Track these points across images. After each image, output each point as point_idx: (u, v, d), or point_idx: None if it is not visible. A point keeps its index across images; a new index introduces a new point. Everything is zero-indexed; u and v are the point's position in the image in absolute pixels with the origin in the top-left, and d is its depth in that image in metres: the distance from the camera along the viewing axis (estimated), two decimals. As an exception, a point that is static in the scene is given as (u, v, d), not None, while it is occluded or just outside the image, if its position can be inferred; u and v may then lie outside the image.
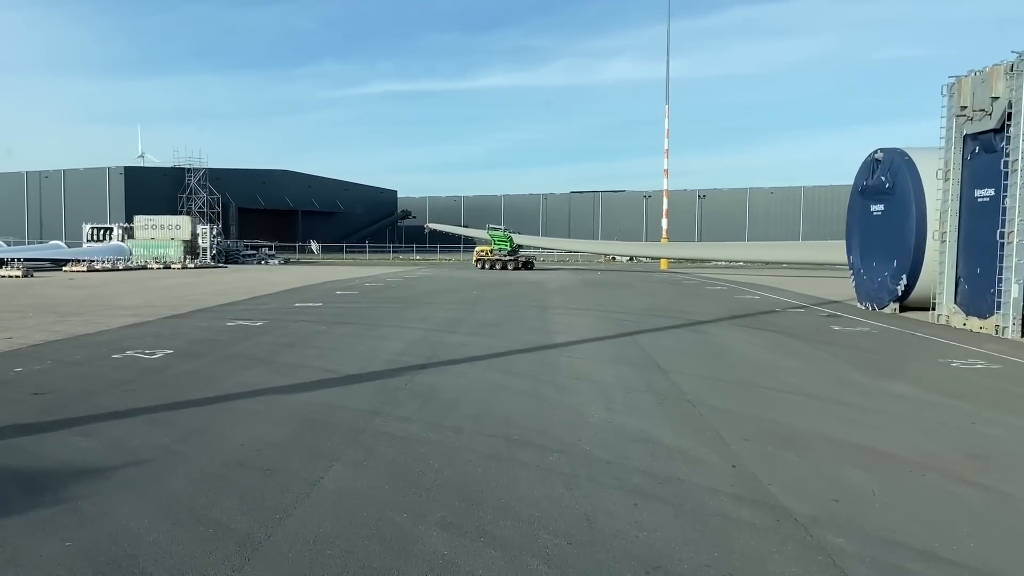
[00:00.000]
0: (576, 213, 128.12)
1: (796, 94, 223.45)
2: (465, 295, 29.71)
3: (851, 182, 26.45)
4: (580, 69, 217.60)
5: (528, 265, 58.95)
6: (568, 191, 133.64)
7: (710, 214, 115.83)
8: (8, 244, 66.60)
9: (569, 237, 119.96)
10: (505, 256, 58.89)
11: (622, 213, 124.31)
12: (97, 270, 46.30)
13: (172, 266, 55.72)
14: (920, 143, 23.68)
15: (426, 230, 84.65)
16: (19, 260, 42.22)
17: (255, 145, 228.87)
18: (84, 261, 48.58)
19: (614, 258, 78.43)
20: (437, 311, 23.52)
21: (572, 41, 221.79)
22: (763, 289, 34.35)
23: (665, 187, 68.01)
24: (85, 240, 68.89)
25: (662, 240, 68.14)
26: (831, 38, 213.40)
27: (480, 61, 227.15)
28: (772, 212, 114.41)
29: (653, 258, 66.95)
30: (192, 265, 55.71)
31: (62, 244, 63.52)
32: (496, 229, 63.59)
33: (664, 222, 68.16)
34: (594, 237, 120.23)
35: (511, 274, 50.38)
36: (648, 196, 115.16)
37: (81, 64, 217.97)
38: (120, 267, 51.07)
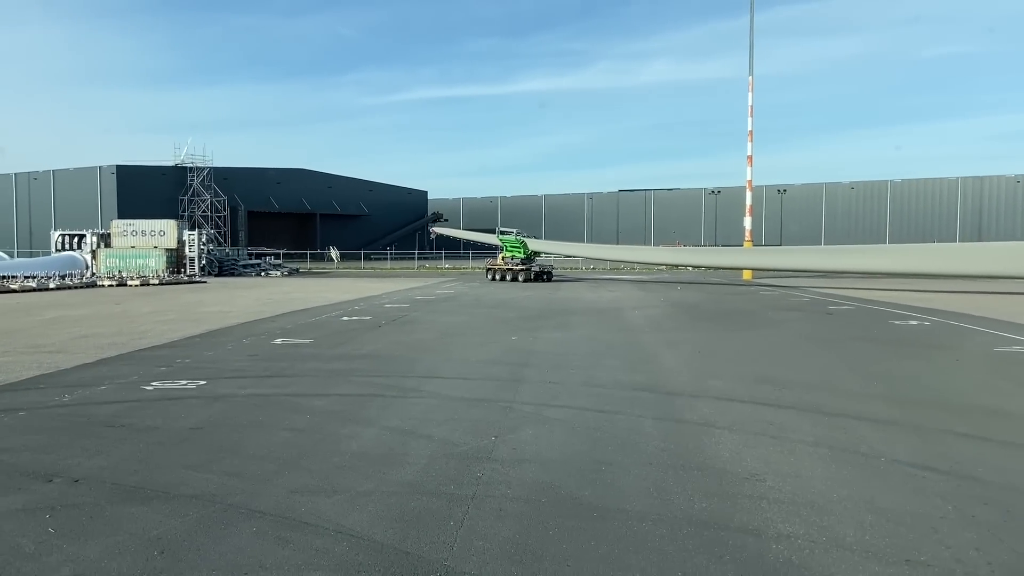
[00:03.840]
0: (626, 213, 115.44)
1: (838, 92, 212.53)
2: (496, 346, 17.61)
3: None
4: (621, 71, 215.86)
5: (544, 276, 48.03)
6: (617, 189, 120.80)
7: (779, 213, 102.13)
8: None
9: (618, 241, 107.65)
10: (517, 265, 48.03)
11: (677, 213, 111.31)
12: (14, 290, 35.16)
13: (150, 281, 44.61)
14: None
15: (431, 235, 72.80)
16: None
17: (297, 152, 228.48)
18: (15, 278, 37.56)
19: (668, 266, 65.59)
20: (428, 423, 11.47)
21: (613, 43, 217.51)
22: (964, 318, 21.82)
23: (749, 177, 55.17)
24: (54, 249, 58.45)
25: (745, 243, 55.30)
26: (874, 37, 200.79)
27: (521, 65, 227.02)
28: (852, 210, 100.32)
29: (713, 267, 53.92)
30: (156, 281, 44.45)
31: (3, 255, 52.93)
32: (507, 233, 51.95)
33: (747, 221, 55.39)
34: (645, 240, 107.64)
35: (545, 291, 38.07)
36: (716, 192, 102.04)
37: (134, 76, 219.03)
38: (71, 283, 40.03)
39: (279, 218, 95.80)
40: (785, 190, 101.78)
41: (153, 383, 12.21)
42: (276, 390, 11.65)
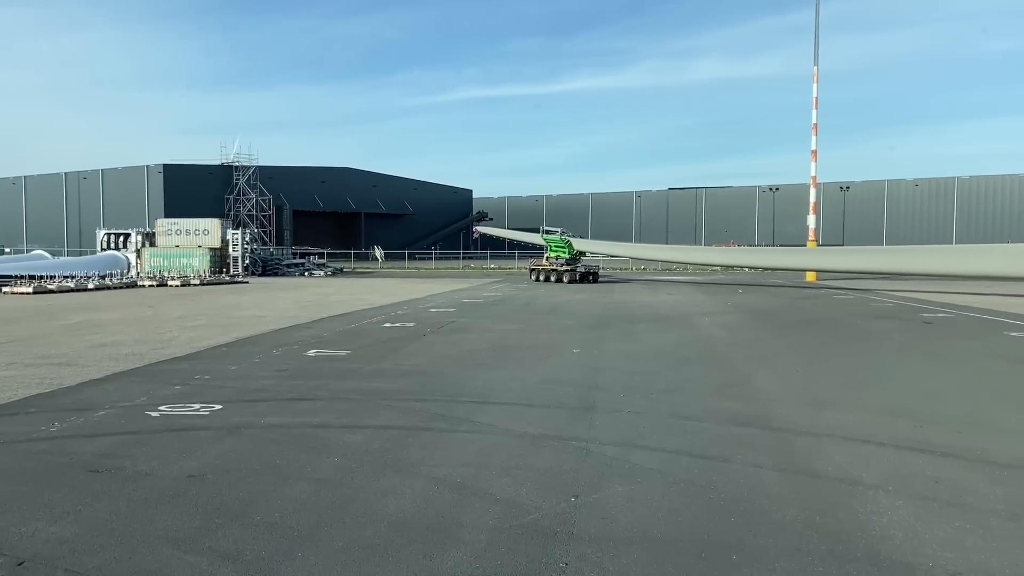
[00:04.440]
0: (675, 212, 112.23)
1: (897, 88, 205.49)
2: (557, 361, 15.53)
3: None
4: (668, 70, 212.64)
5: (590, 277, 46.02)
6: (666, 187, 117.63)
7: (841, 212, 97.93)
8: None
9: (667, 241, 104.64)
10: (562, 266, 46.04)
11: (729, 211, 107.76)
12: (51, 291, 34.17)
13: (191, 282, 43.58)
14: None
15: (475, 235, 70.86)
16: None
17: (343, 153, 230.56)
18: (54, 278, 36.68)
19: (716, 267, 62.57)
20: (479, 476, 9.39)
21: (660, 41, 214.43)
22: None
23: (813, 173, 52.11)
24: (99, 248, 58.15)
25: (809, 243, 52.26)
26: (932, 30, 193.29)
27: (565, 65, 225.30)
28: (917, 208, 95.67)
29: (772, 268, 50.73)
30: (196, 281, 43.34)
31: (46, 254, 52.55)
32: (551, 232, 49.87)
33: (811, 220, 52.43)
34: (696, 239, 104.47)
35: (598, 294, 35.79)
36: (774, 189, 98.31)
37: (185, 79, 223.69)
38: (111, 283, 39.10)
39: (323, 217, 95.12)
40: (848, 187, 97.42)
41: (161, 407, 10.38)
42: (302, 419, 9.72)
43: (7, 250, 76.45)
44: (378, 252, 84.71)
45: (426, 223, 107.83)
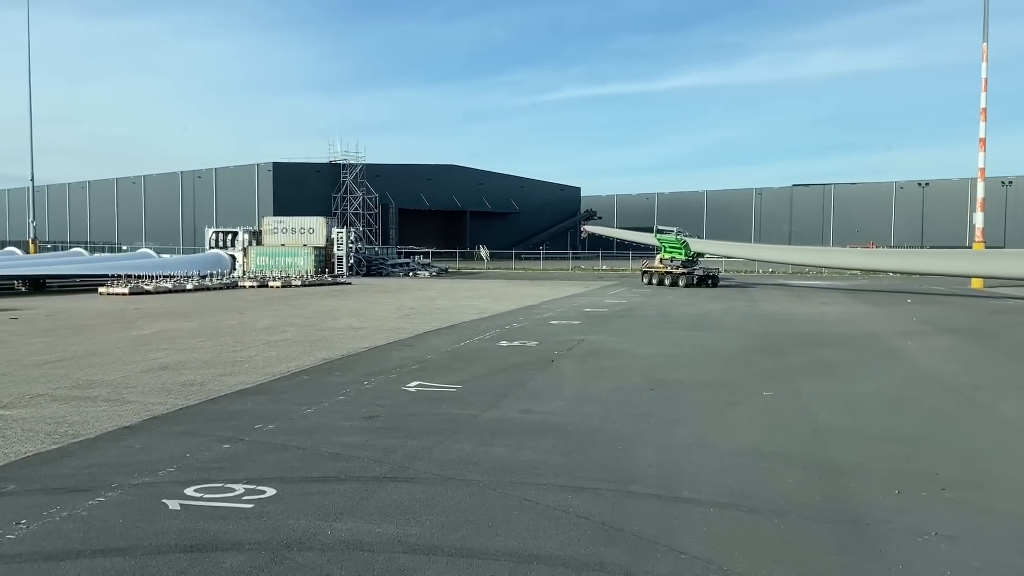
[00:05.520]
0: (799, 210, 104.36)
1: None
2: (748, 411, 11.34)
3: None
4: (782, 63, 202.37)
5: (708, 280, 41.74)
6: (789, 184, 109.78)
7: (1002, 209, 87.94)
8: (88, 251, 56.32)
9: (790, 241, 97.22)
10: (677, 268, 42.28)
11: (860, 209, 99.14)
12: (147, 292, 32.41)
13: (292, 283, 41.49)
14: None
15: (583, 235, 66.48)
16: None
17: (449, 154, 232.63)
18: (153, 278, 35.12)
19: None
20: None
21: (774, 34, 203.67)
22: None
23: (981, 164, 45.11)
24: (208, 246, 57.49)
25: (976, 244, 45.36)
26: None
27: (674, 61, 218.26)
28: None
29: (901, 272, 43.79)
30: (298, 282, 41.16)
31: (151, 252, 51.93)
32: (666, 232, 45.19)
33: (979, 218, 45.49)
34: (822, 240, 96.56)
35: (737, 301, 30.92)
36: (924, 185, 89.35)
37: (298, 83, 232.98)
38: (210, 284, 37.36)
39: (429, 216, 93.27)
40: (1011, 182, 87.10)
41: (188, 490, 6.91)
42: (392, 527, 6.00)
43: (123, 248, 78.09)
44: (483, 252, 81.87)
45: (532, 222, 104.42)
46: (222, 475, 7.39)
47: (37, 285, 35.47)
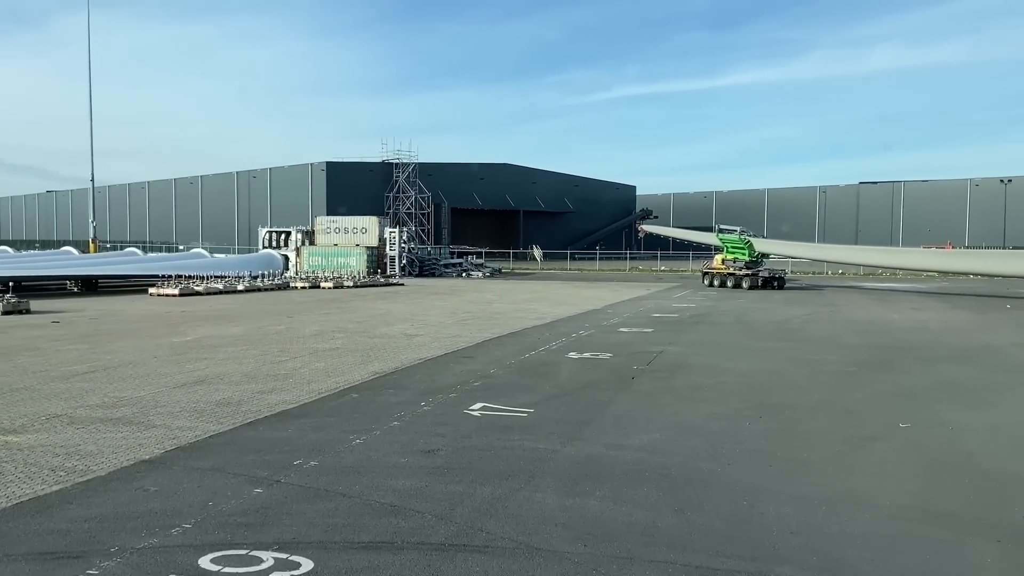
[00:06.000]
0: (866, 209, 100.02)
1: None
2: (888, 449, 9.33)
3: None
4: (840, 59, 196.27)
5: (774, 282, 39.63)
6: (856, 182, 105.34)
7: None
8: (145, 251, 56.14)
9: (856, 241, 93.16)
10: (741, 269, 40.42)
11: (932, 208, 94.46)
12: (197, 293, 31.57)
13: (344, 283, 40.38)
14: None
15: (640, 234, 64.00)
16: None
17: (501, 154, 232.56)
18: (204, 279, 34.36)
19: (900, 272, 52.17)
20: None
21: (831, 30, 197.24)
22: None
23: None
24: (261, 246, 57.07)
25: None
26: None
27: (729, 59, 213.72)
28: None
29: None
30: (350, 283, 40.05)
31: (204, 252, 51.52)
32: (729, 231, 42.83)
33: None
34: (891, 240, 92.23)
35: (816, 306, 28.52)
36: (1006, 181, 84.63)
37: (354, 86, 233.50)
38: (261, 285, 36.49)
39: (481, 215, 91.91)
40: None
41: (204, 559, 5.42)
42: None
43: (180, 247, 78.65)
44: (536, 252, 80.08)
45: (587, 221, 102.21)
46: (248, 536, 5.85)
47: (89, 285, 35.06)
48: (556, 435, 8.99)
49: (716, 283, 41.67)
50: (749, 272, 40.46)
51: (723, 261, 42.88)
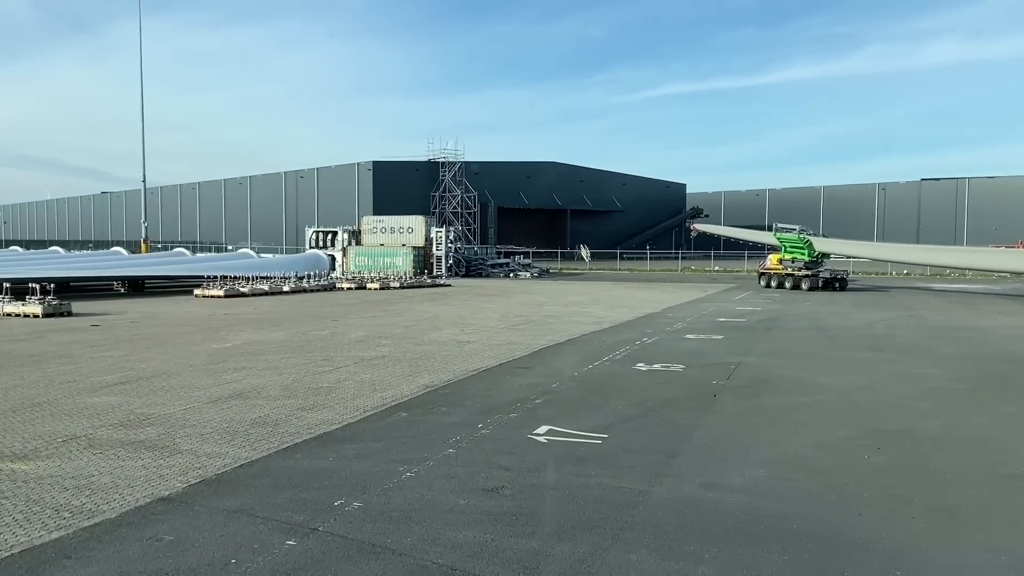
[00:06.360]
0: (928, 207, 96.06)
1: None
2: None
3: None
4: (895, 54, 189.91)
5: (835, 284, 37.82)
6: (918, 179, 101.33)
7: None
8: (194, 251, 55.91)
9: (918, 240, 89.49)
10: (800, 269, 38.73)
11: (999, 206, 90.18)
12: (243, 294, 30.90)
13: (391, 284, 39.45)
14: None
15: (693, 233, 61.89)
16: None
17: (546, 154, 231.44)
18: (250, 279, 33.74)
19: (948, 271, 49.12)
20: None
21: (886, 24, 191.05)
22: None
23: None
24: (308, 246, 56.71)
25: None
26: None
27: (778, 55, 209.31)
28: None
29: None
30: (396, 284, 39.10)
31: (251, 252, 51.13)
32: (787, 230, 40.93)
33: None
34: (954, 239, 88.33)
35: (894, 310, 26.49)
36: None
37: (399, 87, 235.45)
38: (307, 286, 35.77)
39: (528, 215, 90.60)
40: None
41: None
42: None
43: (229, 247, 79.02)
44: (584, 252, 78.48)
45: (635, 220, 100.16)
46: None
47: (136, 286, 34.74)
48: (640, 469, 7.63)
49: (773, 284, 40.01)
50: (809, 272, 38.74)
51: (780, 261, 41.15)
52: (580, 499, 6.74)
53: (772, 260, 42.24)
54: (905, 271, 57.60)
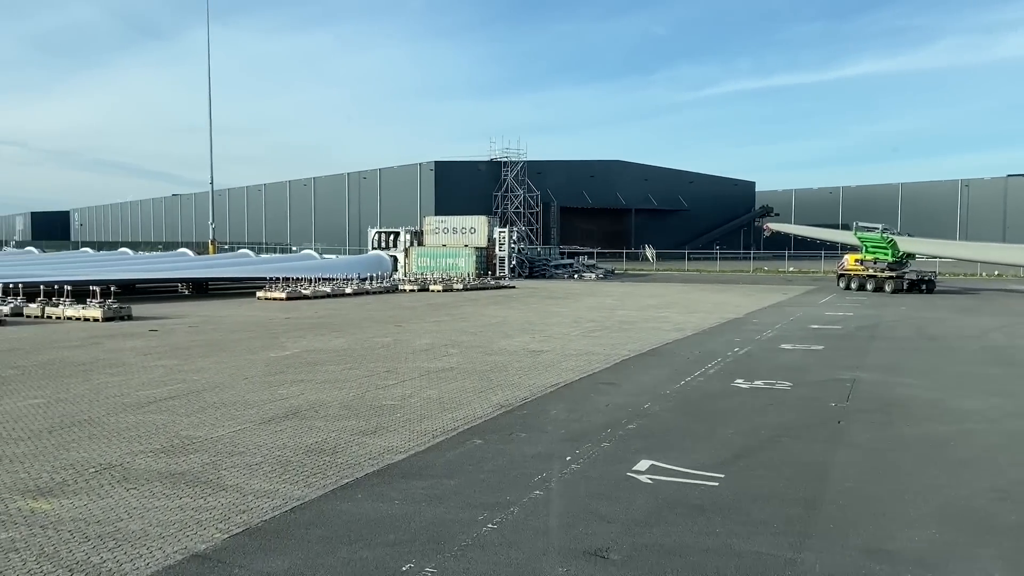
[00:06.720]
0: (1016, 204, 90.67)
1: None
2: None
3: None
4: (971, 47, 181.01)
5: (922, 286, 35.58)
6: (1004, 175, 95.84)
7: None
8: (258, 252, 55.88)
9: (1004, 239, 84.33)
10: (883, 271, 36.62)
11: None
12: (304, 296, 30.19)
13: (454, 286, 38.41)
14: None
15: (766, 232, 59.11)
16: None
17: (609, 153, 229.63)
18: (312, 281, 33.11)
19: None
20: None
21: (961, 16, 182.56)
22: None
23: None
24: (370, 247, 56.23)
25: None
26: None
27: (848, 49, 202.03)
28: None
29: None
30: (460, 286, 38.04)
31: (314, 254, 50.78)
32: (869, 229, 38.64)
33: None
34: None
35: (1014, 316, 24.02)
36: None
37: (462, 88, 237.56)
38: (370, 288, 34.99)
39: (591, 214, 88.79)
40: None
41: None
42: None
43: (294, 248, 79.49)
44: (649, 252, 76.29)
45: (702, 220, 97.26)
46: None
47: (200, 287, 34.50)
48: (774, 526, 6.12)
49: (853, 285, 37.97)
50: (892, 274, 36.51)
51: (860, 261, 38.92)
52: (709, 571, 5.29)
53: (849, 260, 40.05)
54: (996, 272, 53.93)
